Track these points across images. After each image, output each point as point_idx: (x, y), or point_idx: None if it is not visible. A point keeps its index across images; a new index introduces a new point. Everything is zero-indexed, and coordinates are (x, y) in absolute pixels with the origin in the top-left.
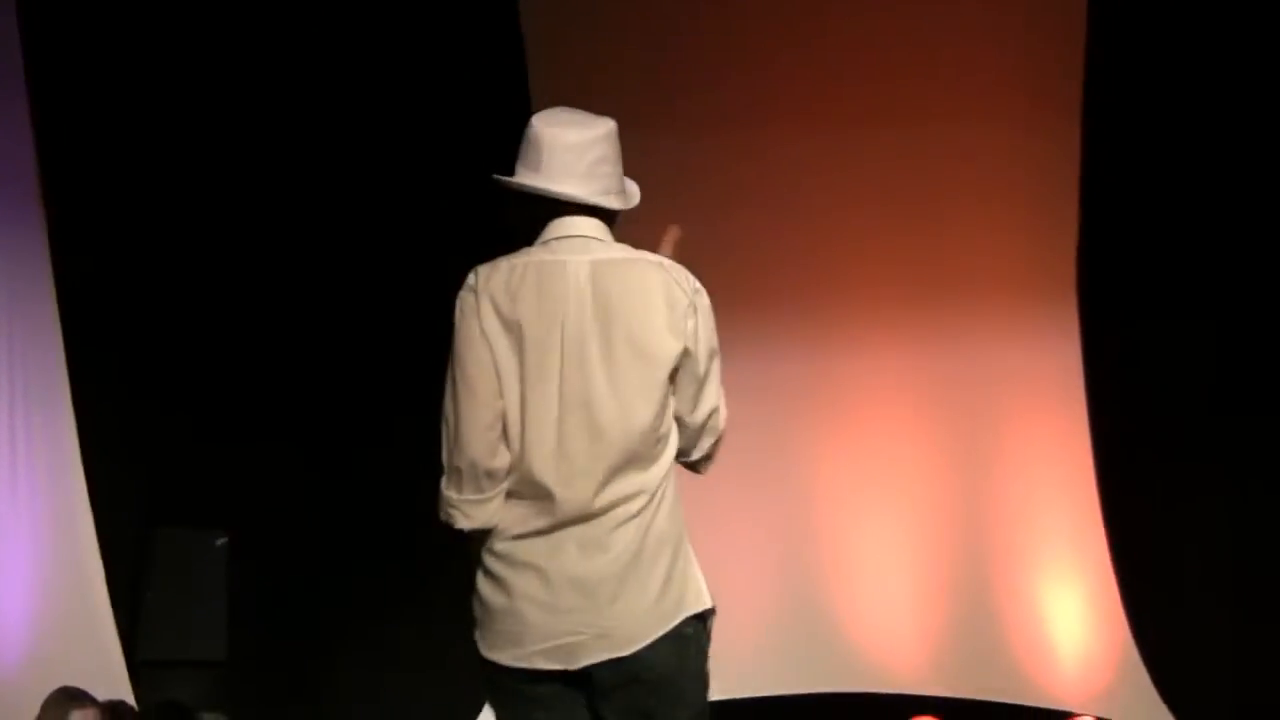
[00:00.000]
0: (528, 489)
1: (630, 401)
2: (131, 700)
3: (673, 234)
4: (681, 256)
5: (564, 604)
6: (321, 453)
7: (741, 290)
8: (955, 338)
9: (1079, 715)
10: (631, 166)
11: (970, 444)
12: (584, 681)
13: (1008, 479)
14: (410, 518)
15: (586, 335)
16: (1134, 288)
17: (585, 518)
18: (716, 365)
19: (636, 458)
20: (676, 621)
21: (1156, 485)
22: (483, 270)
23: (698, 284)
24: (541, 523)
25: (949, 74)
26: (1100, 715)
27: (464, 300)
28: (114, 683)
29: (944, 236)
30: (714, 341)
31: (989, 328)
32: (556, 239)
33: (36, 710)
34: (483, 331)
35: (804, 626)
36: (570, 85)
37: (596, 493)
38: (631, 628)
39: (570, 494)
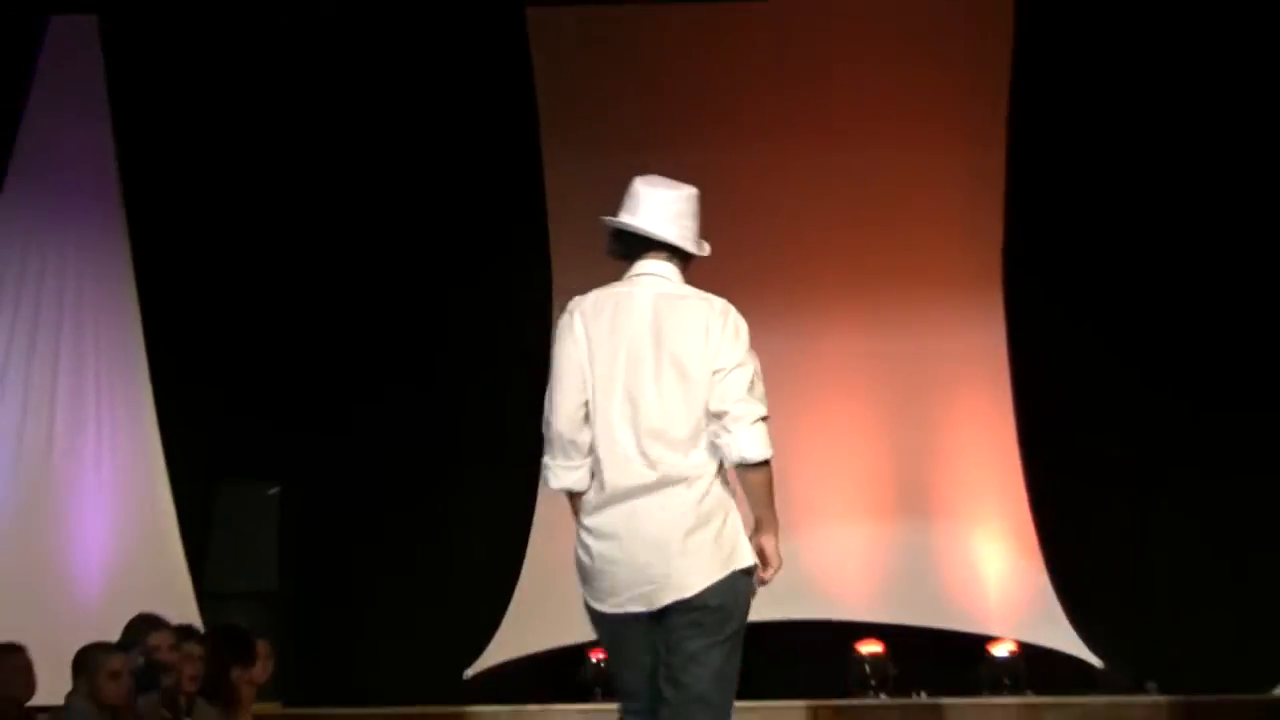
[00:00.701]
0: (598, 469)
1: (670, 407)
2: (199, 624)
3: None
4: None
5: (640, 560)
6: (356, 419)
7: (722, 284)
8: (901, 323)
9: (1000, 639)
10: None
11: (912, 411)
12: (660, 615)
13: (943, 441)
14: (430, 475)
15: (643, 353)
16: (1048, 282)
17: (643, 491)
18: (740, 374)
19: (676, 447)
20: (728, 572)
21: (1068, 448)
22: (578, 298)
23: (732, 311)
24: (605, 497)
25: (896, 107)
26: (1018, 638)
27: (564, 318)
28: (183, 609)
29: (891, 240)
30: (740, 355)
31: (929, 315)
32: (636, 275)
33: (119, 632)
34: (574, 340)
35: None
36: (573, 113)
37: (644, 474)
38: (694, 577)
39: (617, 476)
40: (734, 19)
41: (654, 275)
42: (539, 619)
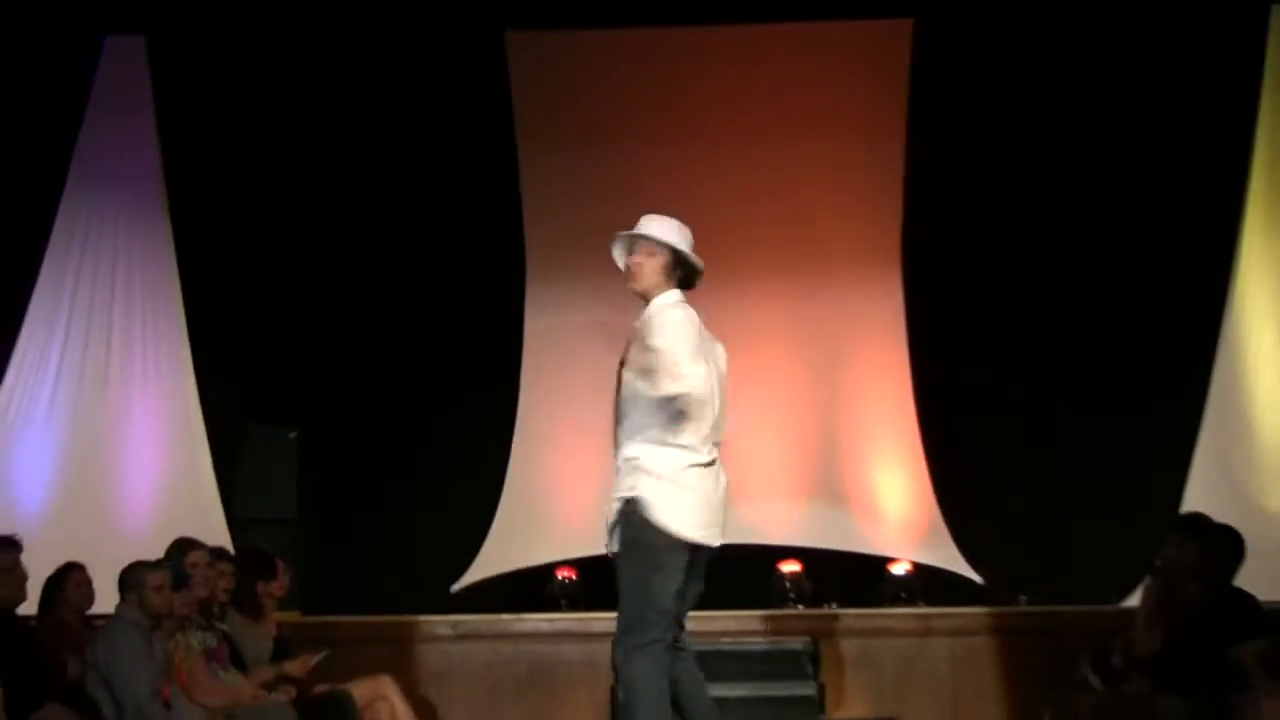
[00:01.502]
0: (706, 429)
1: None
2: (229, 546)
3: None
4: None
5: (721, 503)
6: (362, 375)
7: None
8: (816, 291)
9: (898, 559)
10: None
11: (824, 365)
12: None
13: (851, 391)
14: (422, 423)
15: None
16: (938, 258)
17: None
18: None
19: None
20: None
21: (954, 396)
22: (678, 299)
23: None
24: (709, 453)
25: (814, 112)
26: (913, 559)
27: (685, 312)
28: (216, 534)
29: (808, 223)
30: None
31: (840, 284)
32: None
33: (162, 553)
34: (699, 333)
35: None
36: (545, 119)
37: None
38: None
39: (714, 439)
40: (683, 43)
41: None
42: (513, 544)
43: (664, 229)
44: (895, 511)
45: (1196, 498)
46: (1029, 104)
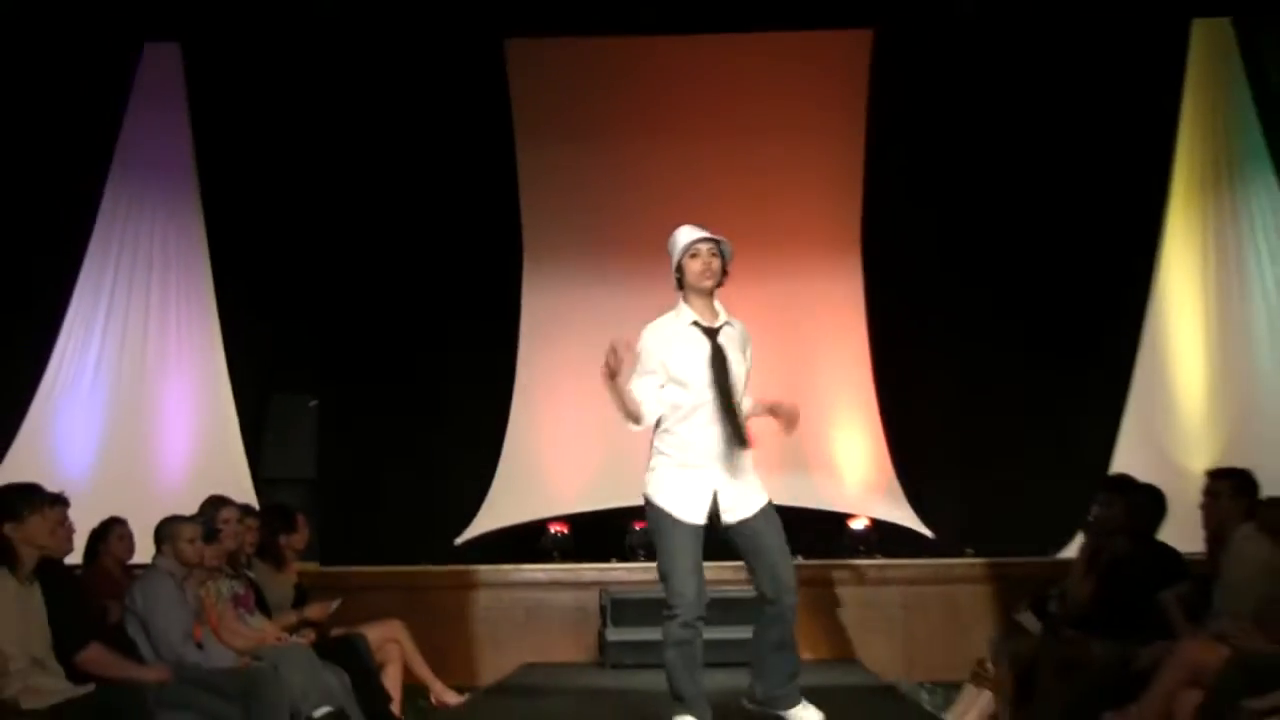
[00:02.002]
0: None
1: None
2: (255, 504)
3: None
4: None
5: None
6: (375, 350)
7: (637, 243)
8: (784, 273)
9: (856, 516)
10: (596, 163)
11: (790, 342)
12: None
13: (815, 365)
14: (430, 393)
15: None
16: (894, 243)
17: None
18: None
19: None
20: None
21: (908, 370)
22: None
23: None
24: None
25: (784, 113)
26: (870, 515)
27: None
28: (244, 493)
29: (777, 210)
30: None
31: (805, 267)
32: None
33: (195, 509)
34: None
35: None
36: (540, 115)
37: None
38: None
39: None
40: (666, 50)
41: None
42: (511, 501)
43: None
44: (854, 473)
45: (1124, 459)
46: (978, 106)
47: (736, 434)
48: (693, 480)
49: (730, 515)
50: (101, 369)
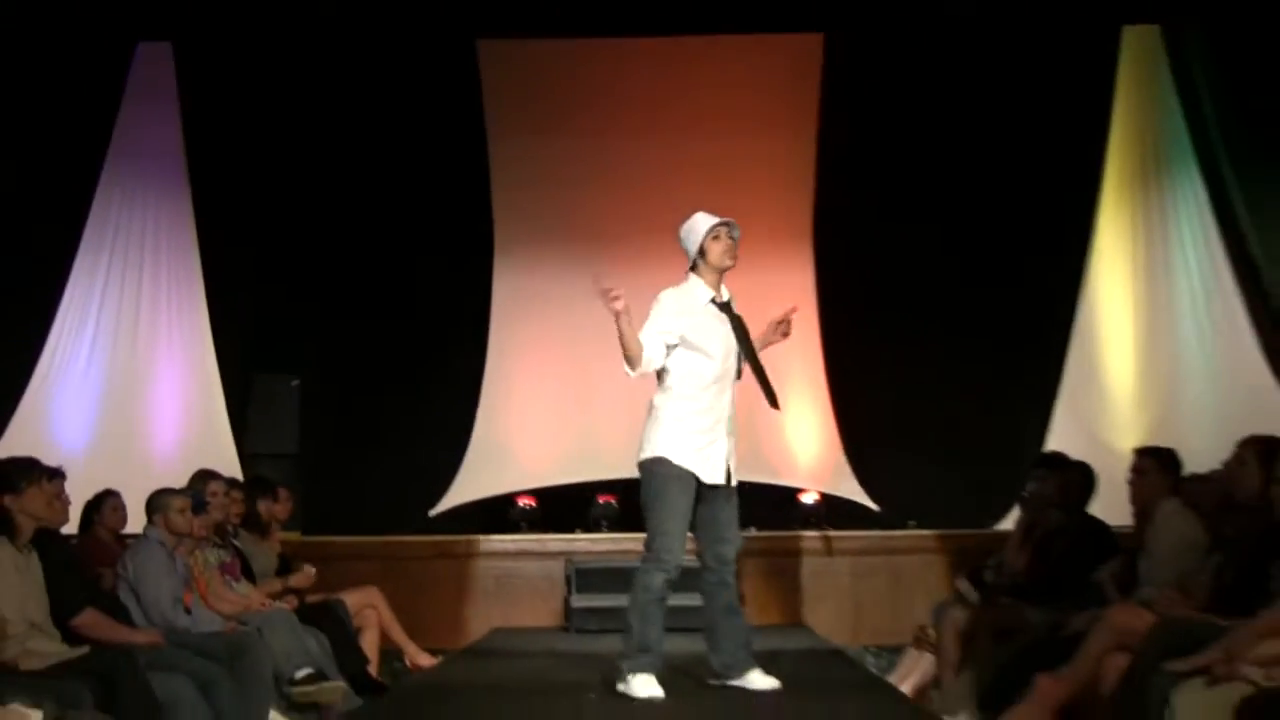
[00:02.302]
0: None
1: None
2: (240, 477)
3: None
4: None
5: None
6: (353, 334)
7: (600, 230)
8: (739, 263)
9: (807, 490)
10: (562, 155)
11: (748, 326)
12: None
13: (769, 349)
14: (404, 374)
15: None
16: (844, 235)
17: None
18: None
19: None
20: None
21: (857, 354)
22: None
23: None
24: None
25: (738, 106)
26: (820, 489)
27: None
28: (230, 467)
29: (731, 203)
30: None
31: (758, 255)
32: None
33: (184, 482)
34: None
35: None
36: (511, 108)
37: None
38: None
39: None
40: (629, 50)
41: None
42: (481, 476)
43: None
44: (806, 450)
45: (1058, 439)
46: (925, 107)
47: (770, 395)
48: (711, 444)
49: (718, 475)
50: (96, 350)
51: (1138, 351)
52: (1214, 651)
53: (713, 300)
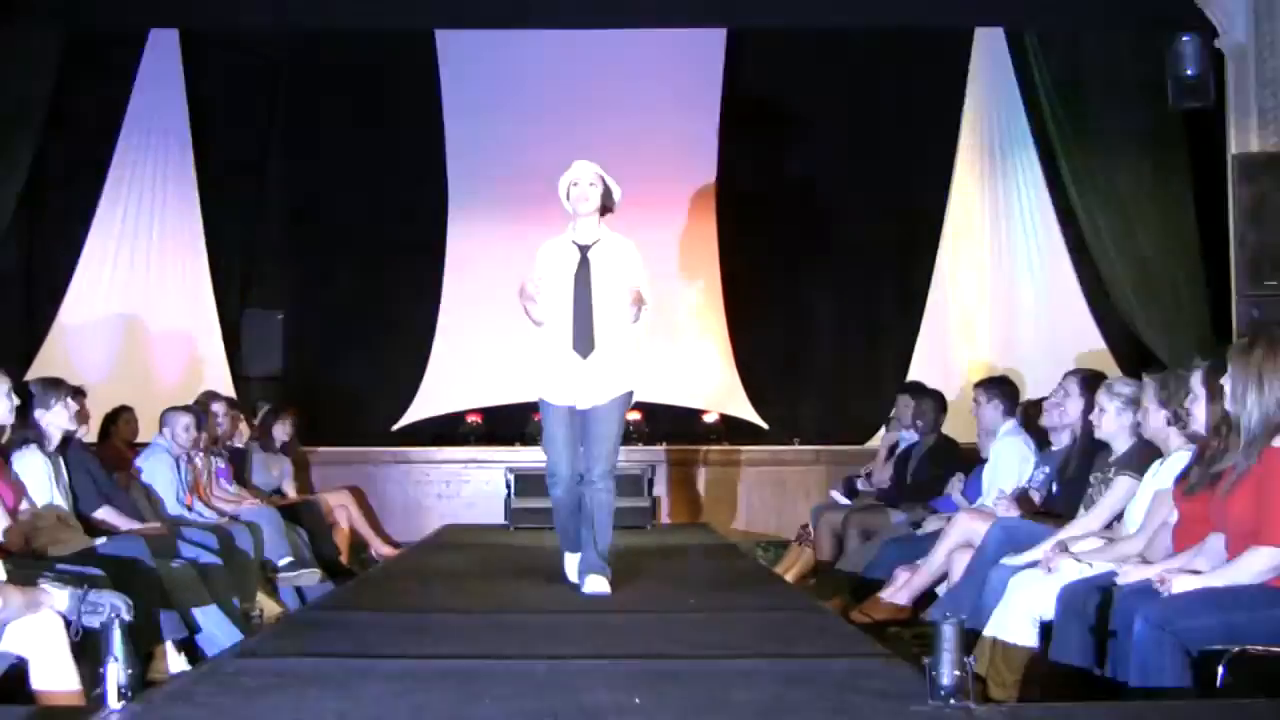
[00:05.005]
0: None
1: None
2: (234, 395)
3: None
4: (518, 181)
5: None
6: (329, 275)
7: (537, 191)
8: (653, 223)
9: (709, 411)
10: (505, 131)
11: (660, 275)
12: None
13: (678, 293)
14: (371, 308)
15: None
16: (741, 199)
17: None
18: None
19: None
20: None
21: (752, 296)
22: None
23: None
24: None
25: (645, 87)
26: (720, 410)
27: None
28: (227, 389)
29: (646, 170)
30: None
31: (669, 216)
32: None
33: (188, 400)
34: None
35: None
36: (464, 88)
37: None
38: None
39: None
40: (563, 40)
41: None
42: (437, 396)
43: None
44: (708, 377)
45: (918, 369)
46: (812, 89)
47: (582, 336)
48: (557, 369)
49: (582, 402)
50: (113, 293)
51: (984, 298)
52: (1044, 547)
53: (575, 242)
